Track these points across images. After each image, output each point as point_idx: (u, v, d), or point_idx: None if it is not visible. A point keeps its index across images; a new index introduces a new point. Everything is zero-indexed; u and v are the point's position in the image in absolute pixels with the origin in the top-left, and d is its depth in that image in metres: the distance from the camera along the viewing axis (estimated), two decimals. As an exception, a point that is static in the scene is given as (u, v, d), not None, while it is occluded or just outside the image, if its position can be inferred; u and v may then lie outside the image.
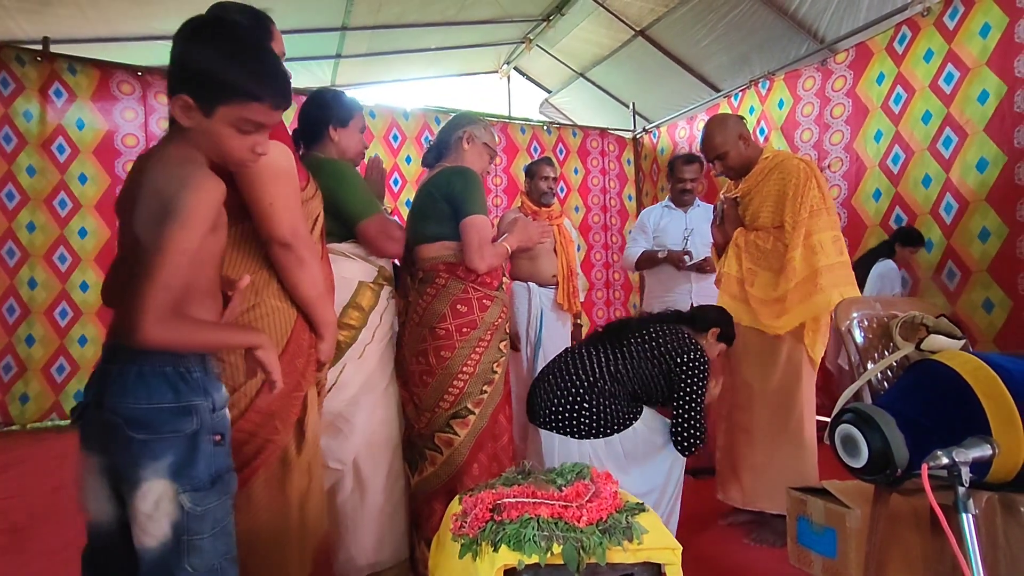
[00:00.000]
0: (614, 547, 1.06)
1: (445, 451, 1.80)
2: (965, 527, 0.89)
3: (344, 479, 1.74)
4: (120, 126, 3.80)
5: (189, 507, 0.93)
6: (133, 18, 4.12)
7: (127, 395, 0.92)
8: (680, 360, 1.92)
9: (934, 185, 3.12)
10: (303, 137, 1.86)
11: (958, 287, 3.01)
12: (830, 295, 2.01)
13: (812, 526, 1.55)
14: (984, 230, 2.88)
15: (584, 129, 5.43)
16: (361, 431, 1.74)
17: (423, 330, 1.83)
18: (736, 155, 2.23)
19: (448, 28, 5.42)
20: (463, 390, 1.81)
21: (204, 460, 0.96)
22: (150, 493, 0.92)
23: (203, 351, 1.01)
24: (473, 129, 1.98)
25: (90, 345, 3.77)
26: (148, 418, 0.92)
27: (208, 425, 0.97)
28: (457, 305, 1.83)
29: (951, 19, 3.07)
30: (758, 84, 4.26)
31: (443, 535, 1.22)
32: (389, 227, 1.78)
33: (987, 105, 2.88)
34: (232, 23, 1.08)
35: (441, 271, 1.85)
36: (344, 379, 1.72)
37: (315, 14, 4.77)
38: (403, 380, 1.89)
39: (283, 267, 1.29)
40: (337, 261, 1.67)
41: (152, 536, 0.92)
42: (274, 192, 1.24)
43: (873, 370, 1.56)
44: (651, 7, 5.06)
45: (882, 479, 1.25)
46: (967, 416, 1.22)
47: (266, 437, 1.27)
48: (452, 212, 1.82)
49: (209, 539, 0.96)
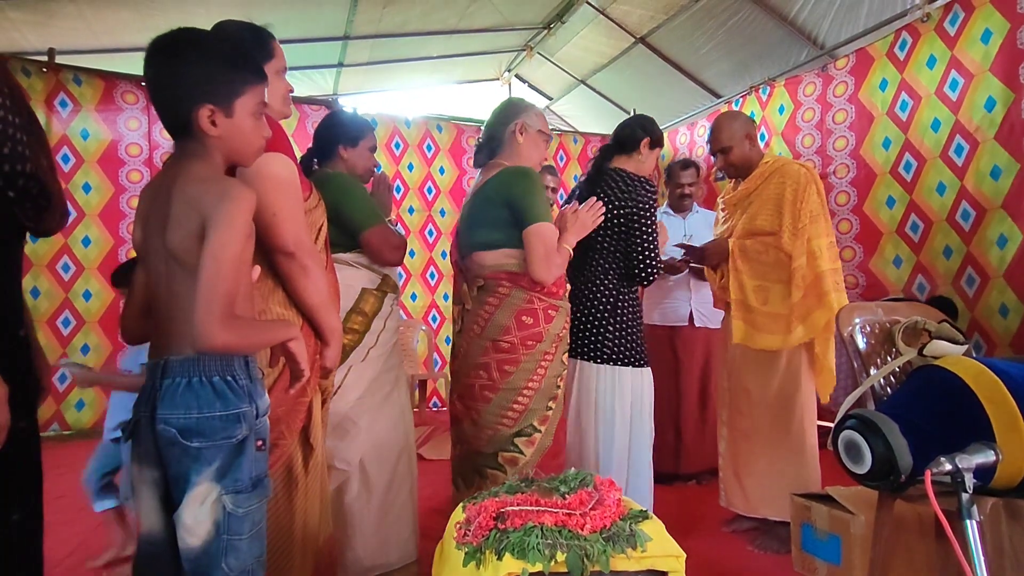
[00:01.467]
0: (618, 555, 1.06)
1: (510, 470, 1.72)
2: (969, 534, 0.89)
3: (351, 480, 1.78)
4: (124, 135, 3.83)
5: (231, 508, 0.97)
6: (137, 29, 4.15)
7: (177, 407, 0.96)
8: (628, 211, 1.95)
9: (949, 192, 3.11)
10: (316, 154, 1.98)
11: (976, 293, 3.00)
12: (832, 300, 2.02)
13: (816, 533, 1.54)
14: (1002, 237, 2.88)
15: (585, 136, 5.45)
16: (367, 433, 1.79)
17: (484, 342, 1.75)
18: (739, 153, 2.25)
19: (449, 36, 5.45)
20: (527, 407, 1.73)
21: (248, 464, 1.00)
22: (198, 495, 0.96)
23: (261, 348, 1.07)
24: (525, 119, 1.86)
25: (92, 354, 3.78)
26: (200, 427, 0.96)
27: (253, 430, 1.02)
28: (522, 316, 1.74)
29: (951, 24, 3.07)
30: (758, 90, 4.27)
31: (446, 543, 1.22)
32: (390, 237, 1.85)
33: (995, 112, 2.88)
34: (193, 31, 1.10)
35: (503, 280, 1.76)
36: (349, 382, 1.77)
37: (317, 24, 4.81)
38: (458, 393, 1.84)
39: (288, 276, 1.31)
40: (342, 270, 1.72)
41: (196, 536, 0.96)
42: (278, 203, 1.26)
43: (876, 376, 1.56)
44: (651, 15, 5.08)
45: (886, 485, 1.25)
46: (971, 422, 1.22)
47: (272, 442, 1.28)
48: (513, 218, 1.73)
49: (247, 540, 1.00)
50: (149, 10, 4.00)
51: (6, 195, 1.07)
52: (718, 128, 2.29)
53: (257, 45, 1.39)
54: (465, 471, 1.83)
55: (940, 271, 3.16)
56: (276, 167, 1.28)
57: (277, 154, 1.28)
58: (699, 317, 3.01)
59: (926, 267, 3.21)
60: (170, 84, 1.04)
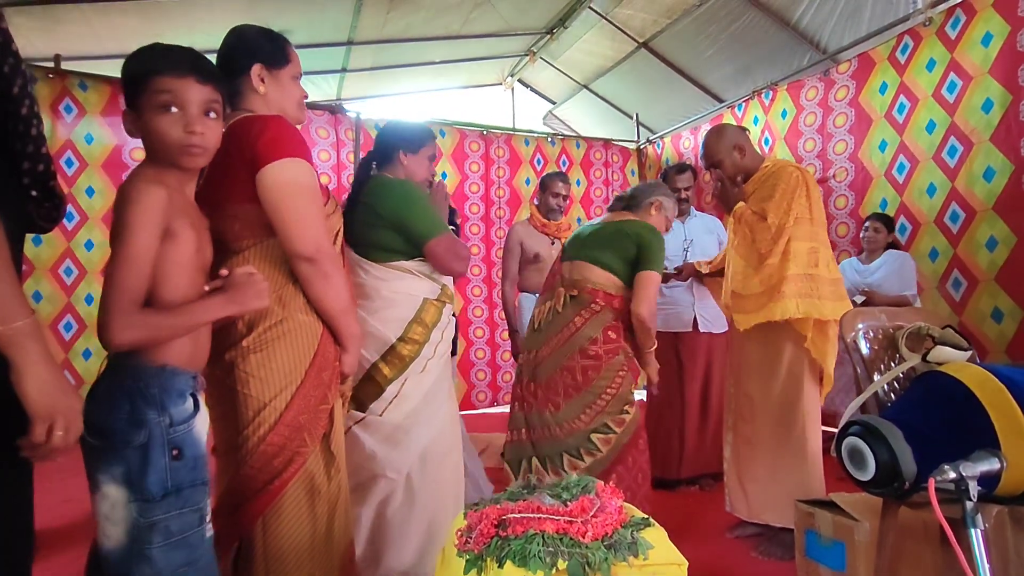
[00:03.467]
0: (619, 563, 1.05)
1: (587, 459, 2.02)
2: (974, 542, 0.89)
3: (396, 490, 1.75)
4: (127, 140, 3.85)
5: (135, 517, 0.97)
6: (143, 35, 4.17)
7: (91, 403, 0.98)
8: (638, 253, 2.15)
9: (939, 194, 3.11)
10: (376, 158, 1.93)
11: (964, 296, 2.99)
12: (788, 304, 2.00)
13: (820, 539, 1.54)
14: (992, 239, 2.87)
15: (588, 140, 5.45)
16: (417, 443, 1.76)
17: (573, 348, 2.08)
18: (731, 164, 2.25)
19: (453, 41, 5.47)
20: (603, 409, 2.03)
21: (156, 473, 0.98)
22: (105, 497, 0.98)
23: (179, 335, 1.04)
24: (664, 200, 2.27)
25: (94, 358, 3.78)
26: (104, 426, 0.97)
27: (161, 439, 0.99)
28: (608, 332, 2.08)
29: (952, 28, 3.07)
30: (761, 94, 4.27)
31: (448, 551, 1.21)
32: (457, 247, 1.81)
33: (992, 114, 2.88)
34: (146, 45, 1.17)
35: (599, 299, 2.10)
36: (405, 392, 1.75)
37: (321, 29, 4.83)
38: (540, 385, 2.10)
39: (308, 281, 1.31)
40: (403, 278, 1.76)
41: (108, 538, 0.98)
42: (298, 208, 1.27)
43: (879, 382, 1.56)
44: (654, 19, 5.10)
45: (890, 492, 1.24)
46: (975, 429, 1.21)
47: (295, 450, 1.29)
48: (636, 258, 2.10)
49: (161, 550, 0.98)
50: (154, 16, 4.02)
51: (29, 194, 1.08)
52: (706, 144, 2.31)
53: (273, 50, 1.42)
54: (541, 454, 2.06)
55: (925, 274, 3.15)
56: (295, 173, 1.28)
57: (297, 159, 1.28)
58: (703, 322, 3.01)
59: (911, 270, 3.21)
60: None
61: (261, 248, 1.31)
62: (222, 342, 1.28)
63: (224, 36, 1.43)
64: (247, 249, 1.31)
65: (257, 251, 1.31)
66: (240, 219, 1.30)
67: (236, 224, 1.31)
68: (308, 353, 1.31)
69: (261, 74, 1.39)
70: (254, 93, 1.39)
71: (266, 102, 1.39)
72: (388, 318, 1.75)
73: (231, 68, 1.37)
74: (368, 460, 1.72)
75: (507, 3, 4.96)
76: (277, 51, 1.42)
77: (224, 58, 1.40)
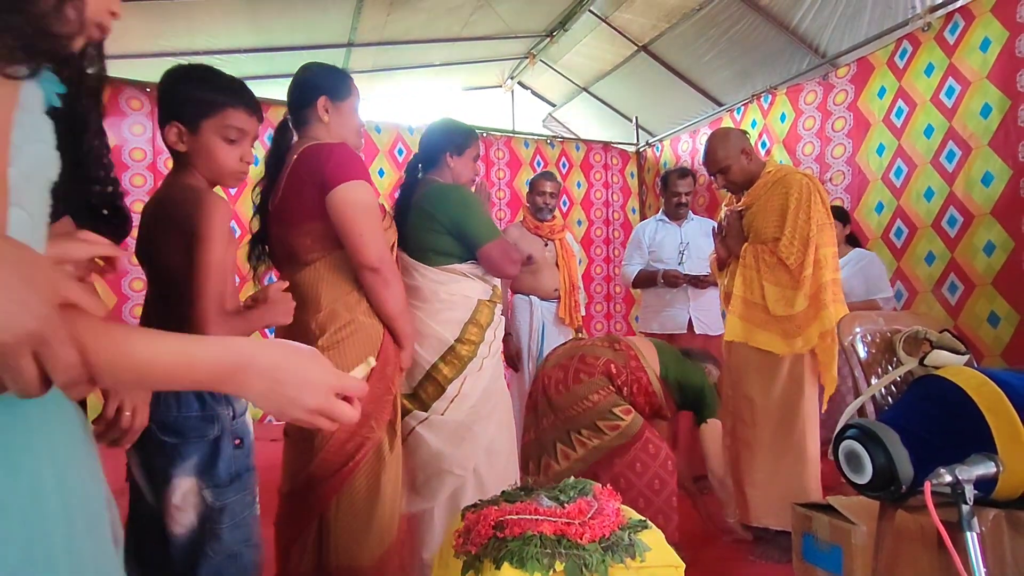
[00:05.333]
0: (616, 564, 1.06)
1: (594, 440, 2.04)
2: (970, 545, 0.89)
3: (466, 485, 1.80)
4: (128, 140, 3.84)
5: (210, 501, 1.09)
6: (142, 36, 4.17)
7: (159, 405, 1.06)
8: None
9: (936, 198, 3.12)
10: (422, 161, 2.02)
11: (960, 300, 2.99)
12: (830, 311, 2.02)
13: (817, 543, 1.54)
14: (989, 244, 2.87)
15: (587, 143, 5.45)
16: (481, 439, 1.83)
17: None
18: (738, 169, 2.24)
19: (453, 44, 5.48)
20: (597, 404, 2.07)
21: (224, 461, 1.12)
22: (178, 488, 1.08)
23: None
24: None
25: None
26: (177, 425, 1.08)
27: (229, 430, 1.12)
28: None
29: (951, 33, 3.08)
30: (760, 98, 4.28)
31: (446, 551, 1.21)
32: (510, 250, 1.92)
33: (990, 119, 2.88)
34: (203, 66, 1.24)
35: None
36: (465, 390, 1.82)
37: (321, 31, 4.83)
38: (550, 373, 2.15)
39: (372, 288, 1.47)
40: (458, 281, 1.84)
41: (181, 525, 1.08)
42: (363, 225, 1.43)
43: (876, 385, 1.56)
44: (653, 23, 5.11)
45: (887, 496, 1.24)
46: (972, 433, 1.22)
47: (364, 436, 1.44)
48: None
49: (228, 529, 1.11)
50: (155, 18, 4.02)
51: (100, 213, 1.11)
52: (712, 149, 2.27)
53: (337, 83, 1.57)
54: (547, 442, 2.08)
55: (920, 277, 3.16)
56: (360, 194, 1.43)
57: (361, 182, 1.44)
58: (698, 324, 3.01)
59: (906, 273, 3.20)
60: (158, 101, 1.24)
61: (329, 260, 1.47)
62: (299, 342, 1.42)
63: (295, 72, 1.61)
64: (316, 261, 1.47)
65: (325, 262, 1.47)
66: (311, 235, 1.46)
67: (308, 239, 1.46)
68: (373, 350, 1.47)
69: (326, 105, 1.55)
70: (319, 122, 1.56)
71: (329, 130, 1.56)
72: (446, 320, 1.82)
73: (301, 99, 1.56)
74: (434, 458, 1.79)
75: (507, 6, 4.97)
76: (341, 85, 1.58)
77: (295, 90, 1.58)
